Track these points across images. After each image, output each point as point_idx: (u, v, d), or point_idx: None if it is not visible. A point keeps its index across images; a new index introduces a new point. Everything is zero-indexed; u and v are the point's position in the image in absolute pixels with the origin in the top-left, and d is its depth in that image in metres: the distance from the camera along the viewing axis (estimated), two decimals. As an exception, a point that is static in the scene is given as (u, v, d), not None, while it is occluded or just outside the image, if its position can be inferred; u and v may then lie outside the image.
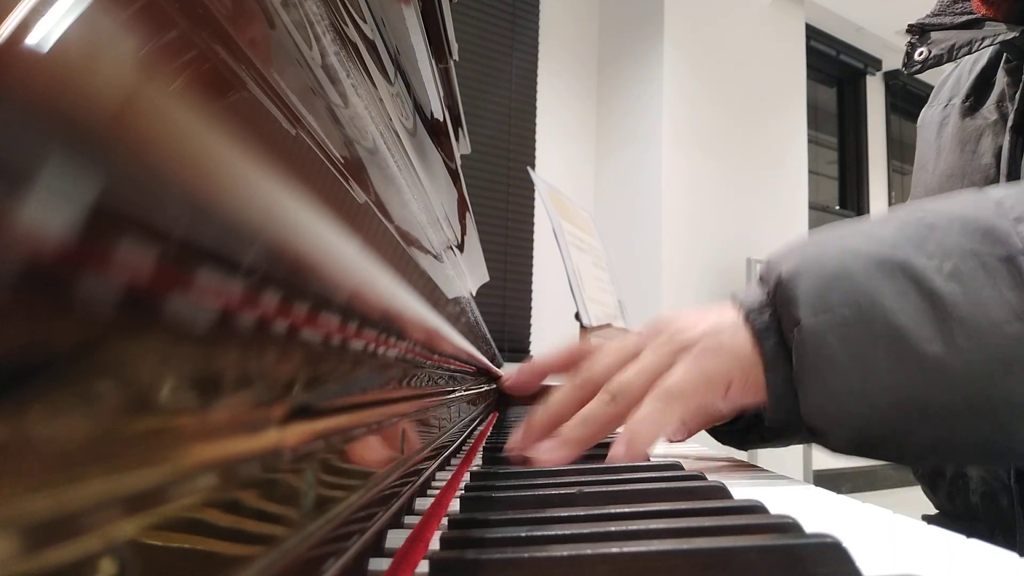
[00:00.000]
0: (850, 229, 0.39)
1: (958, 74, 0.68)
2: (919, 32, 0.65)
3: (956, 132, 0.63)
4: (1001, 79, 0.61)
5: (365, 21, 0.29)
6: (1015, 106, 0.57)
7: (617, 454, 0.39)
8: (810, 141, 3.66)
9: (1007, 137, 0.57)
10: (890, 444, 0.36)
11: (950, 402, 0.34)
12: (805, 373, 0.36)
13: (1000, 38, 0.58)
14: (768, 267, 0.40)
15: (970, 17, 0.61)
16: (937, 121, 0.67)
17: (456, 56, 0.56)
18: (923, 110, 0.72)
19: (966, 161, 0.61)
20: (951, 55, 0.61)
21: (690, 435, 0.49)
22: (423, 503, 0.32)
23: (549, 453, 0.40)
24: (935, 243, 0.35)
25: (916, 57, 0.64)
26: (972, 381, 0.33)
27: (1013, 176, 0.56)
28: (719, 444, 0.57)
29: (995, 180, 0.58)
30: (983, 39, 0.59)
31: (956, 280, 0.34)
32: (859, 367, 0.35)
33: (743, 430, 0.52)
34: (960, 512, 0.64)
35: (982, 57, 0.65)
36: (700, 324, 0.41)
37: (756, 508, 0.25)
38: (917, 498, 0.73)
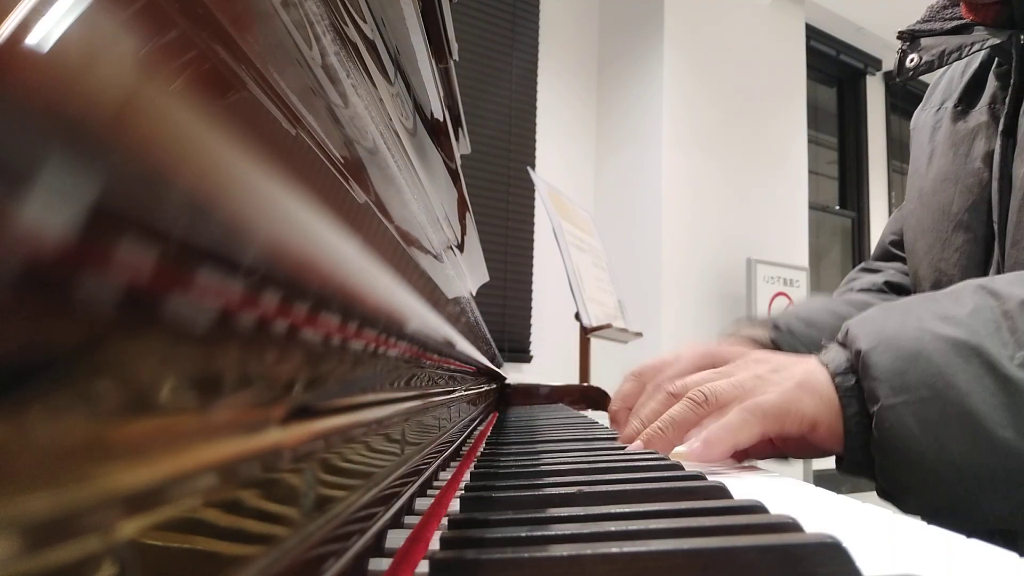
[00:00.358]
0: (925, 306, 0.42)
1: (949, 77, 0.69)
2: (910, 39, 0.66)
3: (948, 135, 0.64)
4: (992, 83, 0.61)
5: (365, 21, 0.29)
6: (1006, 109, 0.58)
7: (693, 451, 0.42)
8: (810, 141, 3.66)
9: (998, 140, 0.58)
10: (959, 514, 0.38)
11: (1016, 482, 0.36)
12: (883, 445, 0.39)
13: (988, 43, 0.59)
14: (848, 336, 0.43)
15: (959, 23, 0.62)
16: (930, 125, 0.67)
17: (456, 56, 0.56)
18: (915, 112, 0.72)
19: (959, 164, 0.62)
20: (941, 61, 0.63)
21: (748, 459, 0.50)
22: (423, 503, 0.32)
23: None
24: (1008, 331, 0.38)
25: (908, 64, 0.66)
26: None
27: (1004, 179, 0.57)
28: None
29: (987, 183, 0.58)
30: (972, 44, 0.60)
31: None
32: (934, 444, 0.37)
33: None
34: None
35: (973, 61, 0.65)
36: (797, 366, 0.44)
37: (756, 508, 0.25)
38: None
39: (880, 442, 0.39)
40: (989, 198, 0.58)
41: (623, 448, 0.47)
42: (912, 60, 0.65)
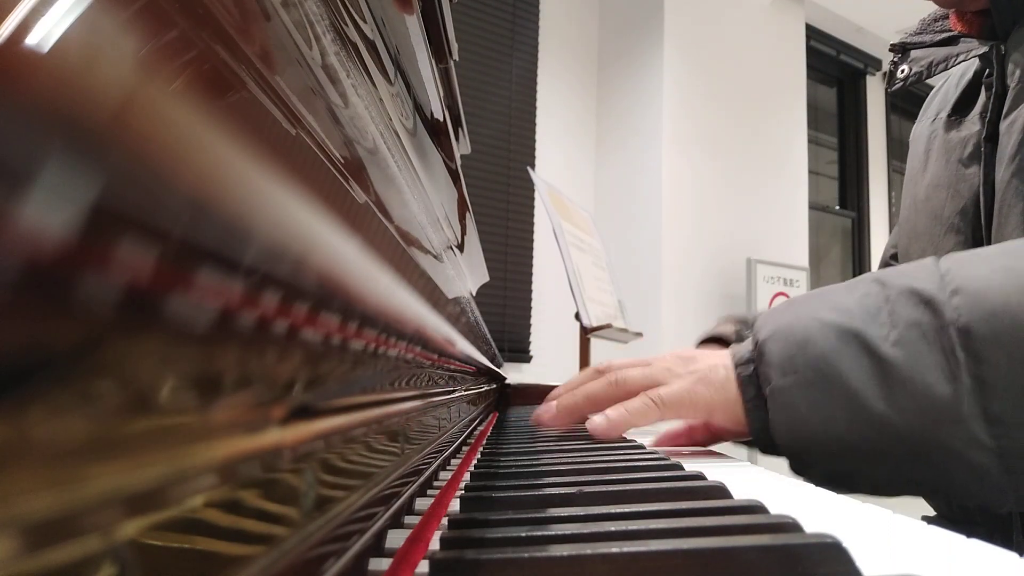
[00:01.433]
0: (822, 297, 0.46)
1: (945, 89, 0.71)
2: (901, 51, 0.71)
3: (942, 144, 0.66)
4: (983, 93, 0.64)
5: (365, 21, 0.29)
6: (989, 116, 0.60)
7: (597, 424, 0.51)
8: (810, 141, 3.66)
9: (983, 146, 0.60)
10: (853, 480, 0.43)
11: (894, 450, 0.40)
12: (777, 423, 0.44)
13: (973, 53, 0.63)
14: (756, 327, 0.48)
15: (949, 35, 0.66)
16: (926, 135, 0.70)
17: (456, 56, 0.56)
18: (915, 125, 0.75)
19: (951, 171, 0.64)
20: (930, 72, 0.67)
21: (700, 445, 0.58)
22: (423, 503, 0.32)
23: (548, 416, 0.56)
24: (887, 314, 0.42)
25: (898, 75, 0.70)
26: (911, 433, 0.39)
27: (988, 184, 0.59)
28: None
29: (977, 188, 0.61)
30: (957, 55, 0.64)
31: (900, 347, 0.40)
32: (820, 420, 0.42)
33: None
34: (958, 516, 0.65)
35: (968, 72, 0.68)
36: (706, 361, 0.51)
37: (756, 508, 0.25)
38: (917, 499, 0.73)
39: (774, 420, 0.44)
40: (978, 202, 0.61)
41: (622, 448, 0.47)
42: (903, 71, 0.70)
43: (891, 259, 0.81)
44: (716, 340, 0.73)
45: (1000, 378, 0.38)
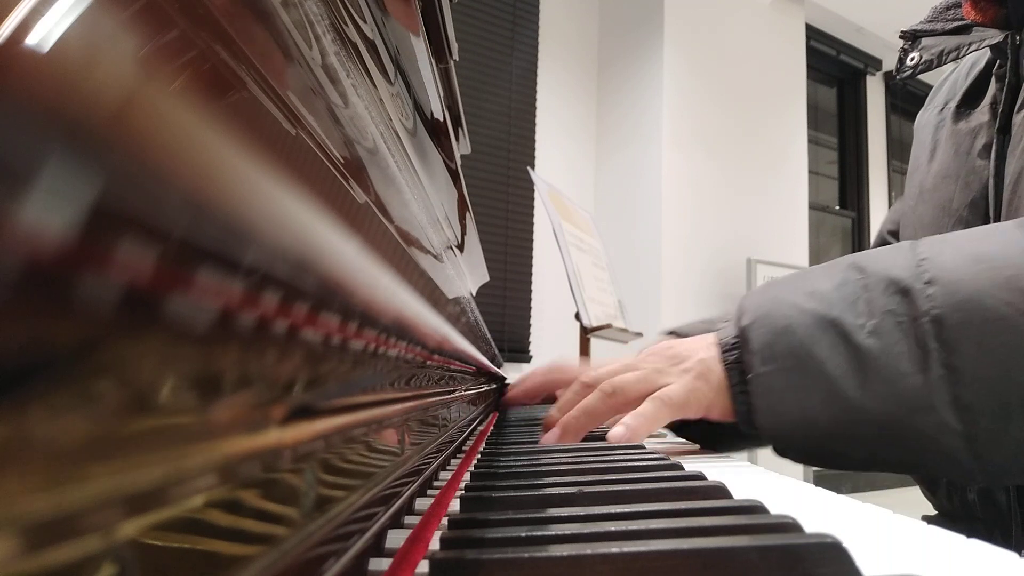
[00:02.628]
0: (801, 281, 0.47)
1: (954, 78, 0.70)
2: (911, 38, 0.70)
3: (950, 134, 0.65)
4: (993, 83, 0.63)
5: (365, 21, 0.29)
6: (1001, 107, 0.59)
7: (617, 435, 0.49)
8: (810, 141, 3.66)
9: (995, 138, 0.59)
10: (832, 460, 0.45)
11: (869, 433, 0.42)
12: (759, 409, 0.46)
13: (986, 43, 0.61)
14: (737, 311, 0.49)
15: (961, 23, 0.65)
16: (933, 124, 0.69)
17: (456, 56, 0.56)
18: (919, 113, 0.74)
19: (960, 162, 0.63)
20: (940, 60, 0.66)
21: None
22: (423, 503, 0.32)
23: (554, 440, 0.52)
24: (864, 303, 0.43)
25: (908, 63, 0.69)
26: (885, 418, 0.41)
27: (999, 176, 0.58)
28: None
29: (986, 180, 0.60)
30: (969, 44, 0.63)
31: (876, 336, 0.41)
32: (798, 405, 0.43)
33: (715, 435, 0.61)
34: (958, 512, 0.65)
35: (978, 63, 0.67)
36: (695, 354, 0.51)
37: (756, 508, 0.25)
38: (917, 498, 0.73)
39: (756, 406, 0.45)
40: (987, 194, 0.60)
41: (622, 448, 0.47)
42: (912, 59, 0.68)
43: (889, 235, 0.79)
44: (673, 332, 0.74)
45: (970, 367, 0.39)
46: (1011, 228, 0.43)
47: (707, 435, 0.62)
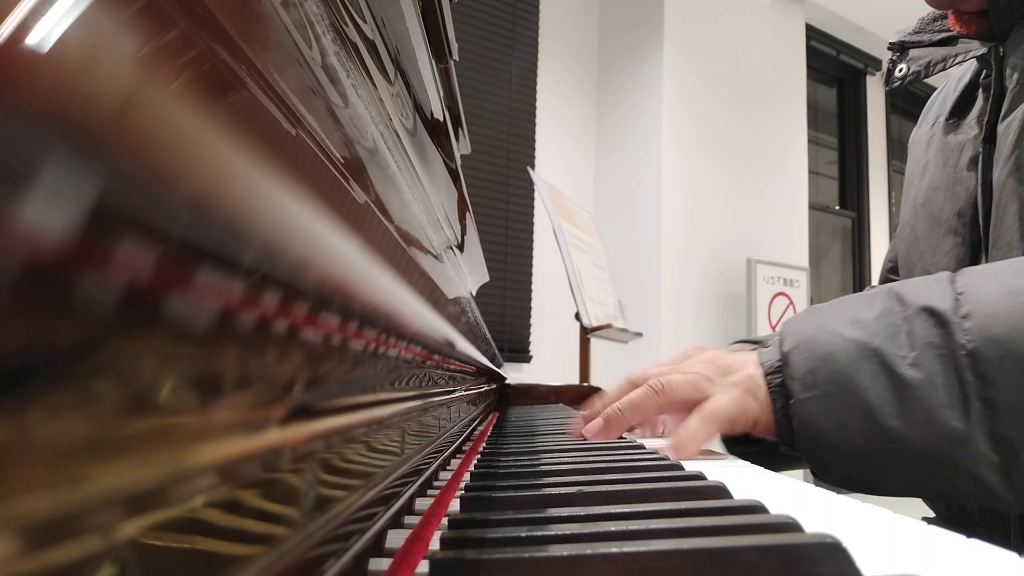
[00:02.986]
0: (843, 308, 0.48)
1: (944, 95, 0.72)
2: (900, 50, 0.71)
3: (940, 147, 0.67)
4: (980, 95, 0.64)
5: (365, 21, 0.29)
6: (987, 118, 0.61)
7: (669, 454, 0.49)
8: (810, 141, 3.66)
9: (981, 148, 0.61)
10: (869, 486, 0.46)
11: (908, 462, 0.43)
12: (800, 434, 0.46)
13: (971, 54, 0.63)
14: (779, 335, 0.50)
15: (947, 35, 0.66)
16: (925, 140, 0.71)
17: (456, 56, 0.56)
18: (914, 131, 0.76)
19: (948, 173, 0.65)
20: (927, 71, 0.68)
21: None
22: (423, 503, 0.32)
23: (595, 428, 0.54)
24: (906, 335, 0.43)
25: (896, 74, 0.71)
26: (923, 448, 0.42)
27: (986, 185, 0.60)
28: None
29: (974, 190, 0.62)
30: (956, 55, 0.65)
31: (916, 368, 0.42)
32: (838, 431, 0.44)
33: (771, 454, 0.62)
34: (957, 517, 0.65)
35: (966, 76, 0.68)
36: (743, 370, 0.52)
37: (756, 508, 0.25)
38: (917, 499, 0.73)
39: (798, 430, 0.46)
40: (976, 203, 0.61)
41: (622, 448, 0.47)
42: (901, 70, 0.71)
43: (888, 272, 0.82)
44: None
45: (1006, 399, 0.39)
46: None
47: (757, 456, 0.62)
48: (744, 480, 0.39)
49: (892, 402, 0.42)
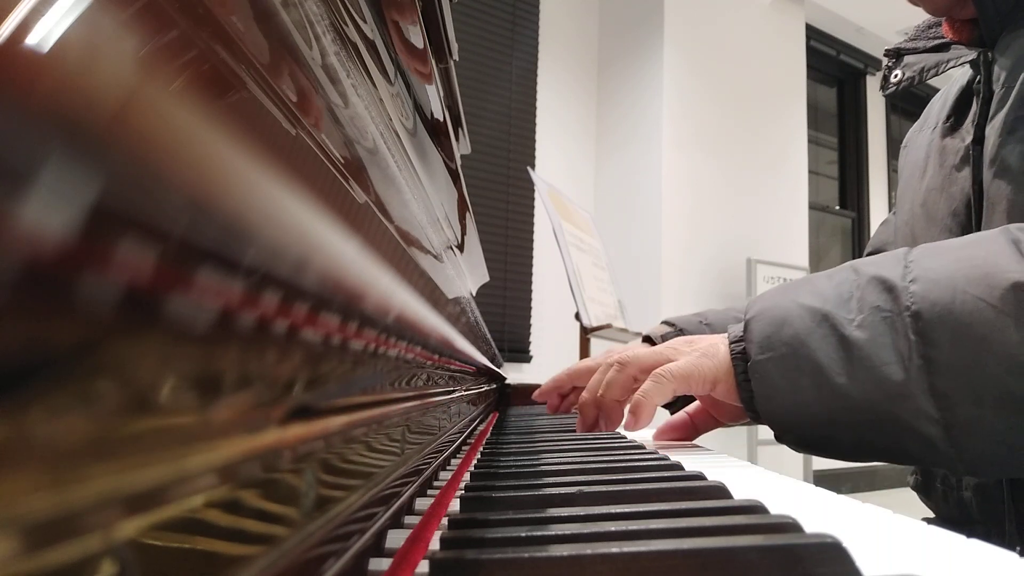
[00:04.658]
0: (805, 283, 0.51)
1: (943, 100, 0.74)
2: (895, 56, 0.74)
3: (937, 151, 0.69)
4: (974, 101, 0.66)
5: (365, 21, 0.29)
6: (976, 120, 0.63)
7: (628, 423, 0.54)
8: (810, 141, 3.66)
9: (972, 149, 0.63)
10: (824, 445, 0.48)
11: (855, 419, 0.45)
12: (758, 395, 0.49)
13: (963, 60, 0.67)
14: (747, 307, 0.53)
15: (941, 41, 0.69)
16: (925, 142, 0.73)
17: (456, 56, 0.56)
18: (910, 132, 0.79)
19: (944, 175, 0.67)
20: (921, 77, 0.71)
21: (698, 435, 0.63)
22: (423, 503, 0.32)
23: (585, 426, 0.60)
24: (856, 300, 0.46)
25: (892, 79, 0.74)
26: (868, 405, 0.44)
27: (977, 184, 0.62)
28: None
29: (968, 191, 0.64)
30: (948, 61, 0.68)
31: (863, 328, 0.45)
32: (791, 390, 0.47)
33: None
34: (955, 514, 0.66)
35: (962, 81, 0.71)
36: (707, 340, 0.56)
37: (756, 508, 0.25)
38: (917, 498, 0.73)
39: (756, 391, 0.49)
40: (968, 203, 0.64)
41: (622, 448, 0.47)
42: (896, 76, 0.74)
43: (874, 252, 0.84)
44: (648, 340, 0.80)
45: (945, 357, 0.42)
46: (994, 234, 0.45)
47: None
48: (744, 480, 0.39)
49: (839, 361, 0.45)
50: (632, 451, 0.46)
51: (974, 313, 0.41)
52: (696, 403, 0.62)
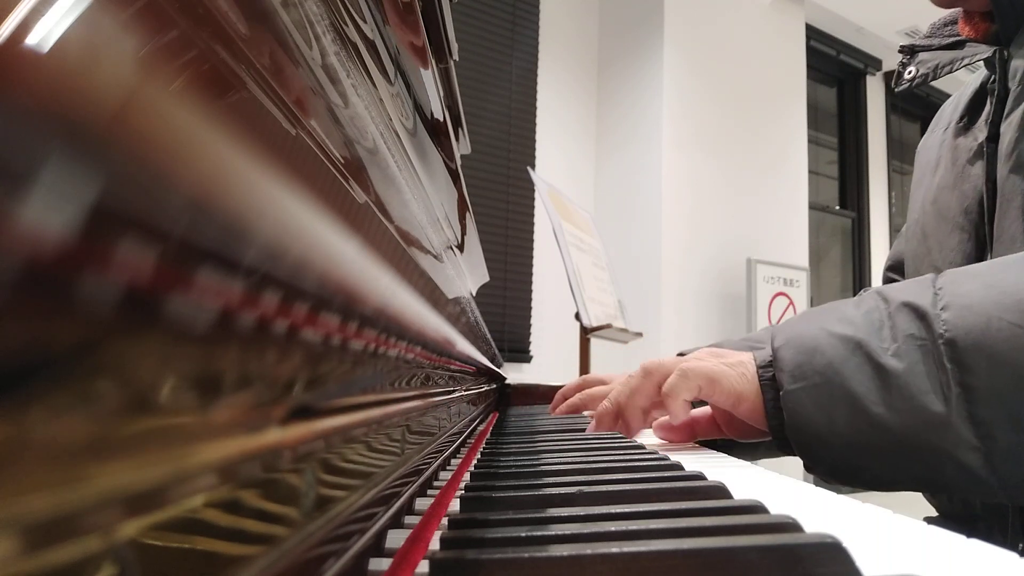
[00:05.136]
0: (832, 310, 0.51)
1: (955, 104, 0.74)
2: (910, 52, 0.74)
3: (950, 149, 0.69)
4: (988, 100, 0.66)
5: (365, 21, 0.29)
6: (991, 118, 0.63)
7: (662, 428, 0.58)
8: (810, 141, 3.66)
9: (986, 146, 0.64)
10: (856, 475, 0.47)
11: (890, 449, 0.44)
12: (790, 424, 0.48)
13: (978, 57, 0.66)
14: (771, 335, 0.52)
15: (956, 39, 0.69)
16: (937, 143, 0.74)
17: (456, 56, 0.56)
18: (923, 138, 0.79)
19: (957, 172, 0.67)
20: (935, 74, 0.71)
21: (695, 439, 0.62)
22: (423, 503, 0.32)
23: (608, 420, 0.60)
24: (889, 328, 0.46)
25: (906, 76, 0.74)
26: (906, 434, 0.43)
27: (991, 181, 0.62)
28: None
29: (980, 189, 0.64)
30: (962, 59, 0.68)
31: (898, 358, 0.44)
32: (825, 420, 0.46)
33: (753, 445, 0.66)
34: (959, 511, 0.66)
35: (976, 82, 0.71)
36: (735, 356, 0.55)
37: (756, 508, 0.25)
38: (917, 498, 0.73)
39: (788, 420, 0.48)
40: (981, 200, 0.64)
41: (623, 448, 0.47)
42: (910, 72, 0.74)
43: (889, 271, 0.84)
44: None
45: (983, 384, 0.41)
46: (1021, 257, 0.45)
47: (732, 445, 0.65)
48: (744, 480, 0.39)
49: (875, 390, 0.44)
50: (632, 451, 0.46)
51: (1010, 340, 0.41)
52: (704, 408, 0.61)
